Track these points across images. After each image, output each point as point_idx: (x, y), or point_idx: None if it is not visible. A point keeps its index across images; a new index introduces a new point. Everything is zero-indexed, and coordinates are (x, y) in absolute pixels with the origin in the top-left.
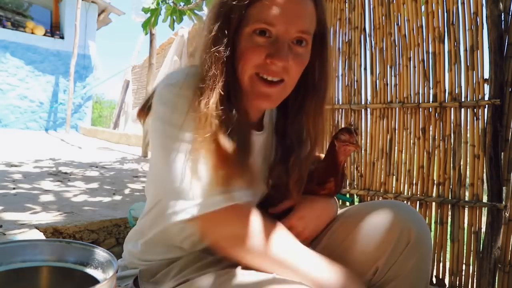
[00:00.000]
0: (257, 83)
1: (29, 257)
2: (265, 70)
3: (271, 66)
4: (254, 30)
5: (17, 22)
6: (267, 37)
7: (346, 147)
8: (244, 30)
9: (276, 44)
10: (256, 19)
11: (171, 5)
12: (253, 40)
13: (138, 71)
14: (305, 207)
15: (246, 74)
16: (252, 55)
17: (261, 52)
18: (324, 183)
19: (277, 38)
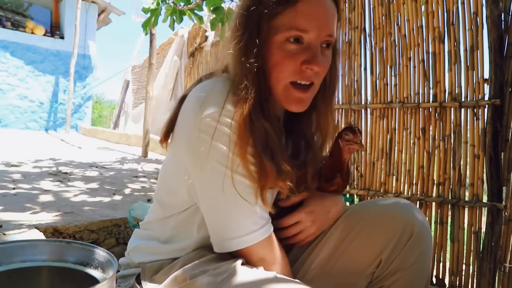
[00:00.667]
0: (292, 89)
1: (29, 257)
2: (300, 76)
3: (306, 71)
4: (287, 39)
5: (17, 22)
6: (300, 43)
7: (350, 146)
8: (274, 38)
9: (309, 50)
10: (288, 26)
11: (171, 5)
12: (287, 48)
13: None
14: (315, 202)
15: (282, 82)
16: (289, 63)
17: (297, 60)
18: (331, 179)
19: (309, 44)
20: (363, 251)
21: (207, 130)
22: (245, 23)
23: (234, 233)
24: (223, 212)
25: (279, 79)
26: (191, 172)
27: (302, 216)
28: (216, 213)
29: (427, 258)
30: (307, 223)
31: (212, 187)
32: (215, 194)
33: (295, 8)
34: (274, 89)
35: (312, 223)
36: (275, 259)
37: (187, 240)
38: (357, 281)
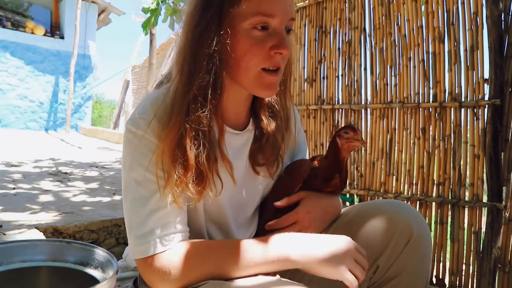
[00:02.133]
0: (263, 75)
1: (29, 257)
2: (270, 62)
3: (276, 57)
4: (254, 25)
5: (17, 22)
6: (266, 30)
7: (350, 144)
8: (240, 27)
9: (276, 35)
10: (254, 12)
11: (171, 5)
12: (254, 35)
13: (138, 71)
14: (312, 202)
15: (252, 71)
16: (258, 50)
17: (264, 46)
18: (329, 180)
19: (275, 29)
20: None
21: (125, 138)
22: (203, 10)
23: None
24: (126, 215)
25: (249, 67)
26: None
27: (299, 216)
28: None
29: (426, 262)
30: (304, 224)
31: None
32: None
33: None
34: (244, 78)
35: (309, 223)
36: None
37: None
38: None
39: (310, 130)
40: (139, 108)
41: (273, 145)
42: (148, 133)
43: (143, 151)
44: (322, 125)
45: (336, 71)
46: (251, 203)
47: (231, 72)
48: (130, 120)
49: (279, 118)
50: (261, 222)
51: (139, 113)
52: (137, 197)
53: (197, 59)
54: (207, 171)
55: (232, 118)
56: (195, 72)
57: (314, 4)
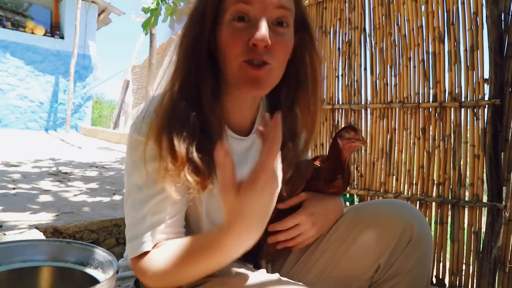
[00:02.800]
0: (245, 69)
1: (29, 257)
2: (251, 54)
3: (254, 49)
4: (233, 16)
5: (17, 22)
6: (246, 21)
7: (351, 144)
8: (222, 21)
9: (255, 26)
10: (232, 2)
11: (171, 5)
12: (233, 26)
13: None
14: (315, 204)
15: (234, 62)
16: (235, 41)
17: (243, 36)
18: (332, 181)
19: (255, 20)
20: (361, 256)
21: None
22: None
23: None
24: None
25: (230, 59)
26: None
27: (302, 218)
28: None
29: (427, 261)
30: (307, 226)
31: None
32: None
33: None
34: (229, 73)
35: (312, 225)
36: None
37: None
38: (356, 285)
39: None
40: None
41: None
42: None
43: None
44: (322, 125)
45: (336, 71)
46: None
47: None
48: (134, 125)
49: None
50: None
51: (143, 118)
52: (136, 201)
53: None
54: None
55: (236, 123)
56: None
57: (314, 4)
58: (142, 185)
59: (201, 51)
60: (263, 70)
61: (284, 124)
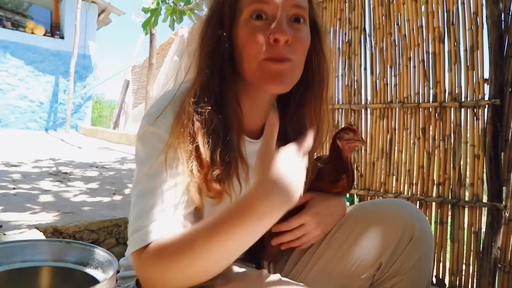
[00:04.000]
0: (267, 64)
1: (29, 257)
2: (271, 52)
3: (276, 45)
4: (251, 15)
5: (17, 22)
6: (264, 19)
7: (351, 145)
8: (240, 20)
9: (274, 22)
10: (248, 2)
11: (171, 5)
12: (251, 24)
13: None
14: (319, 204)
15: (254, 61)
16: (255, 39)
17: (262, 34)
18: (336, 181)
19: (273, 17)
20: (363, 255)
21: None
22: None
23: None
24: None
25: (250, 58)
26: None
27: (306, 218)
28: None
29: (428, 260)
30: (311, 225)
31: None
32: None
33: None
34: (249, 72)
35: (317, 225)
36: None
37: None
38: (357, 284)
39: None
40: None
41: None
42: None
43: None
44: None
45: (336, 71)
46: None
47: (239, 68)
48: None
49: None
50: None
51: (155, 109)
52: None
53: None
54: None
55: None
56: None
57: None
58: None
59: (223, 54)
60: (285, 64)
61: (289, 124)
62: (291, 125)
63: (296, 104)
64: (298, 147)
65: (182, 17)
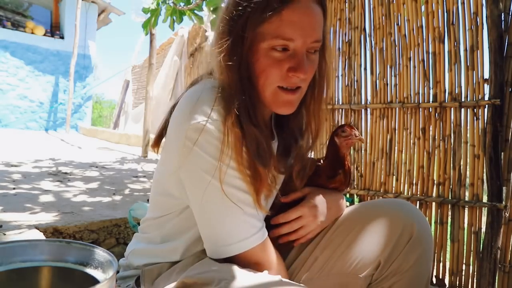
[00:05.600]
0: (280, 93)
1: (29, 257)
2: (286, 82)
3: (292, 78)
4: (273, 47)
5: (17, 22)
6: (285, 51)
7: (348, 141)
8: (260, 46)
9: (295, 57)
10: (274, 35)
11: (171, 5)
12: (272, 56)
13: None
14: (317, 198)
15: (269, 89)
16: (274, 70)
17: (282, 67)
18: (333, 176)
19: (295, 51)
20: (362, 253)
21: (192, 138)
22: (229, 29)
23: (228, 240)
24: (215, 220)
25: (265, 85)
26: (183, 180)
27: (304, 210)
28: (209, 221)
29: (427, 259)
30: (309, 218)
31: (201, 195)
32: (205, 202)
33: (280, 16)
34: (261, 94)
35: (314, 218)
36: (270, 263)
37: (182, 242)
38: (356, 282)
39: None
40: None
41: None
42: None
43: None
44: None
45: (336, 71)
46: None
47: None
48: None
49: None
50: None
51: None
52: (224, 196)
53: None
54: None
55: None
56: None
57: None
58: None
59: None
60: (296, 95)
61: (293, 123)
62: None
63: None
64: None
65: (182, 17)
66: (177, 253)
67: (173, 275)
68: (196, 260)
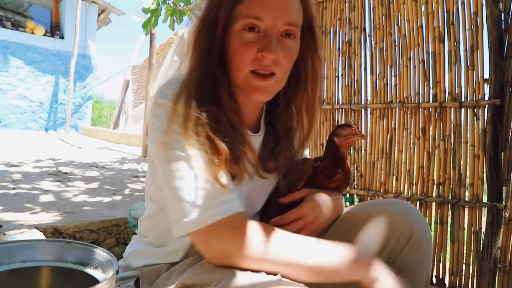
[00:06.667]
0: (252, 78)
1: (29, 257)
2: (258, 65)
3: (262, 60)
4: (244, 27)
5: (17, 22)
6: (256, 32)
7: (349, 140)
8: (233, 29)
9: (265, 38)
10: (243, 15)
11: (171, 5)
12: (243, 36)
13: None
14: (316, 199)
15: (242, 71)
16: (245, 51)
17: (252, 48)
18: (332, 176)
19: (265, 33)
20: None
21: (156, 114)
22: (204, 14)
23: (181, 214)
24: (173, 191)
25: (238, 68)
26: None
27: (304, 211)
28: (168, 193)
29: (427, 261)
30: (308, 219)
31: (160, 165)
32: (163, 172)
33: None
34: (236, 79)
35: (314, 219)
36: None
37: (182, 244)
38: (355, 284)
39: None
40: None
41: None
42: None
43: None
44: (322, 125)
45: (336, 71)
46: (257, 205)
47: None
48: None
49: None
50: (264, 219)
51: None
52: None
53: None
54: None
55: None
56: (200, 71)
57: (314, 4)
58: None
59: (213, 56)
60: (269, 81)
61: (279, 121)
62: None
63: (286, 101)
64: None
65: (182, 17)
66: (178, 255)
67: (173, 276)
68: (196, 261)
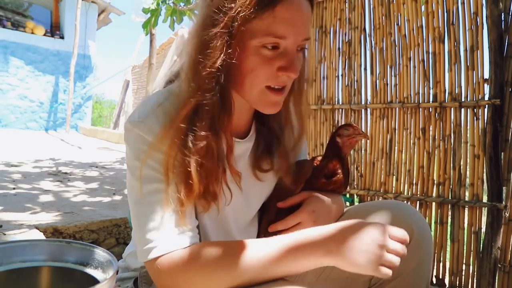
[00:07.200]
0: (267, 94)
1: (29, 257)
2: (275, 82)
3: (282, 77)
4: (264, 45)
5: (17, 22)
6: (276, 49)
7: (352, 140)
8: (249, 43)
9: (286, 56)
10: (266, 32)
11: (171, 5)
12: (263, 53)
13: (138, 71)
14: (316, 202)
15: (257, 87)
16: (263, 68)
17: (272, 65)
18: (332, 177)
19: (285, 50)
20: None
21: (124, 137)
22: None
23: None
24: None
25: (254, 84)
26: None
27: (303, 216)
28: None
29: (427, 263)
30: (308, 224)
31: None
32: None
33: (273, 13)
34: (247, 94)
35: (314, 223)
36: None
37: None
38: (355, 287)
39: (310, 130)
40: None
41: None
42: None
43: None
44: (322, 125)
45: (336, 71)
46: (254, 207)
47: (236, 87)
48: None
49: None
50: (263, 223)
51: (141, 113)
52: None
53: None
54: (214, 185)
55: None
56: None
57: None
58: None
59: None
60: (283, 94)
61: (273, 120)
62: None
63: None
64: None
65: (182, 17)
66: None
67: None
68: None
